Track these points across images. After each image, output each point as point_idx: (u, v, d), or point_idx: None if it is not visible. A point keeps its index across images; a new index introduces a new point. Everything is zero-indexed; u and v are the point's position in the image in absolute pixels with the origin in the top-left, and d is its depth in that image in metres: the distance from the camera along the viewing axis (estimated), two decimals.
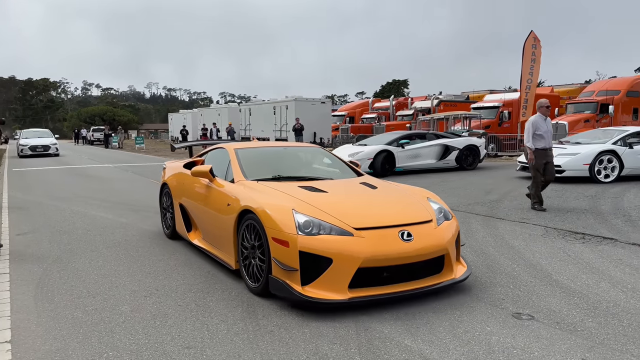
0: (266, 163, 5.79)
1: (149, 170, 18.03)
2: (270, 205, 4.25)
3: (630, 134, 12.07)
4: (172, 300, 4.30)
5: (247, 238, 4.46)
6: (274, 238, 4.03)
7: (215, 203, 5.12)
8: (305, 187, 4.80)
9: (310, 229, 3.96)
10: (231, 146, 5.92)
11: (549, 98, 27.29)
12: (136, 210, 8.98)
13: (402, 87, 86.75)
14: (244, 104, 45.78)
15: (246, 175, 5.18)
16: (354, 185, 5.20)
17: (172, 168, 7.02)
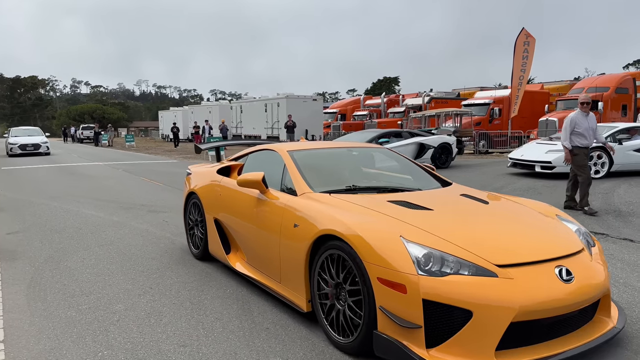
0: (330, 169, 4.69)
1: (140, 168, 17.92)
2: (368, 230, 3.12)
3: (619, 130, 12.18)
4: (167, 299, 4.28)
5: (328, 273, 3.35)
6: (382, 279, 2.90)
7: (272, 222, 3.98)
8: (397, 202, 3.67)
9: (431, 266, 2.86)
10: (282, 147, 4.72)
11: (539, 95, 27.61)
12: (128, 209, 8.92)
13: (393, 84, 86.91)
14: (235, 101, 45.61)
15: (311, 185, 4.02)
16: (458, 199, 4.03)
17: (201, 175, 5.73)
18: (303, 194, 3.94)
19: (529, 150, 12.75)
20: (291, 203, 3.88)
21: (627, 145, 11.78)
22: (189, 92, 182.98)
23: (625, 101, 24.22)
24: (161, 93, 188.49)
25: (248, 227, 4.41)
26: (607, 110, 23.23)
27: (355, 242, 3.08)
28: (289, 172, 4.25)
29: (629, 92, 24.29)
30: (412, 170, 4.93)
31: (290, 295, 3.76)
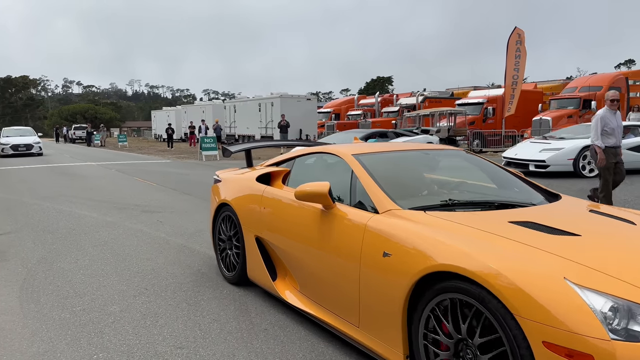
0: (409, 177, 3.83)
1: (133, 168, 17.80)
2: (516, 269, 2.21)
3: None
4: (162, 300, 4.21)
5: (443, 324, 2.48)
6: (551, 344, 2.00)
7: (347, 247, 3.06)
8: (523, 223, 2.77)
9: (618, 323, 1.98)
10: (344, 150, 3.80)
11: (533, 94, 27.71)
12: (121, 209, 8.83)
13: (387, 84, 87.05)
14: (228, 101, 45.46)
15: (395, 199, 3.13)
16: (595, 219, 3.10)
17: (235, 183, 4.79)
18: (387, 211, 3.03)
19: (523, 149, 12.77)
20: (375, 224, 2.95)
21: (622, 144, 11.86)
22: (181, 91, 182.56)
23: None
24: (154, 93, 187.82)
25: (306, 249, 3.51)
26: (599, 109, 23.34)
27: (497, 286, 2.16)
28: (362, 183, 3.36)
29: (621, 92, 24.39)
30: (501, 177, 3.95)
31: (377, 347, 2.84)
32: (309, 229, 3.48)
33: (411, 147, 4.28)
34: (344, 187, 3.50)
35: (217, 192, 4.99)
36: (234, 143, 9.10)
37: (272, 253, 4.06)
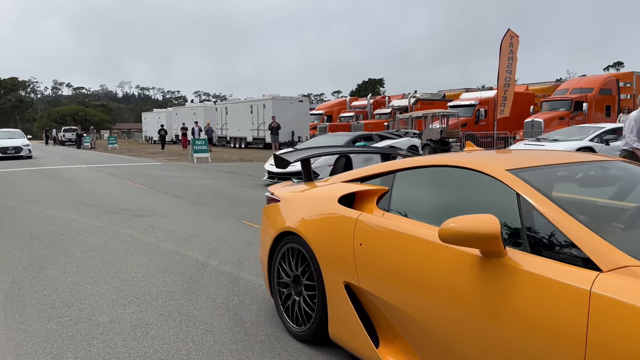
0: (605, 206, 2.79)
1: (123, 171, 17.57)
2: None
3: (605, 130, 12.24)
4: (153, 309, 4.06)
5: None
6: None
7: (550, 324, 1.97)
8: None
9: None
10: (494, 165, 2.67)
11: (525, 96, 27.79)
12: (111, 213, 8.64)
13: (378, 85, 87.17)
14: (220, 102, 45.23)
15: (625, 248, 2.00)
16: None
17: (304, 203, 3.60)
18: (619, 268, 1.91)
19: None
20: (609, 291, 1.83)
21: (614, 146, 11.83)
22: (172, 93, 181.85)
23: (608, 102, 24.48)
24: (144, 95, 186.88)
25: (447, 314, 2.39)
26: (591, 111, 23.44)
27: None
28: (551, 219, 2.19)
29: (612, 93, 24.57)
30: None
31: None
32: (456, 284, 2.34)
33: (575, 158, 2.98)
34: (500, 219, 2.29)
35: (275, 215, 3.75)
36: (290, 150, 6.35)
37: (373, 308, 2.90)
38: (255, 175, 15.44)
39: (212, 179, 14.59)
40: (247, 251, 5.83)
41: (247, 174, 16.03)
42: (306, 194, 3.67)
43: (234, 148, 34.04)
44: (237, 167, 18.99)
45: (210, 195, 10.91)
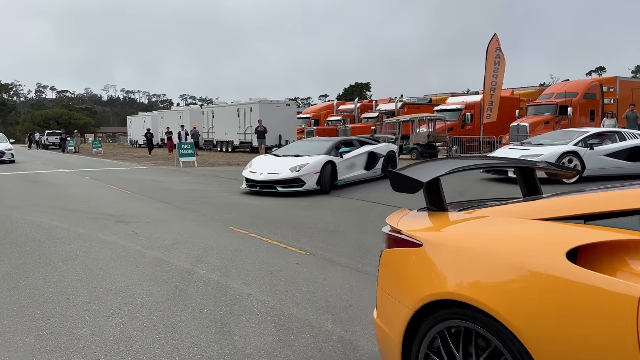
0: None
1: (108, 176, 17.30)
2: None
3: (590, 135, 12.26)
4: (138, 321, 3.92)
5: None
6: None
7: None
8: None
9: None
10: None
11: (510, 101, 27.95)
12: (95, 219, 8.45)
13: (365, 90, 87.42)
14: (206, 106, 44.94)
15: None
16: None
17: (474, 252, 2.06)
18: None
19: (502, 155, 12.74)
20: None
21: (599, 150, 11.87)
22: (158, 97, 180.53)
23: (593, 107, 24.69)
24: (130, 98, 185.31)
25: None
26: (576, 115, 23.63)
27: None
28: None
29: (596, 98, 24.79)
30: None
31: None
32: None
33: None
34: None
35: (415, 270, 2.31)
36: (423, 160, 4.36)
37: None
38: (243, 180, 15.27)
39: (199, 184, 14.41)
40: (235, 259, 5.70)
41: (234, 178, 15.84)
42: (476, 236, 2.19)
43: (220, 152, 33.79)
44: (224, 171, 18.81)
45: (197, 200, 10.75)
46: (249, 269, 5.28)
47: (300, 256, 5.82)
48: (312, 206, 9.56)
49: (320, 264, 5.47)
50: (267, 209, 9.26)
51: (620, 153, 11.94)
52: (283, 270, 5.23)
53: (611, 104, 25.05)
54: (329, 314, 3.97)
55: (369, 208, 9.32)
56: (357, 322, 3.80)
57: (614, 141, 12.27)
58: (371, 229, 7.28)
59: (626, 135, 12.35)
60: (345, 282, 4.81)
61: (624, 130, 13.49)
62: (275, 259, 5.70)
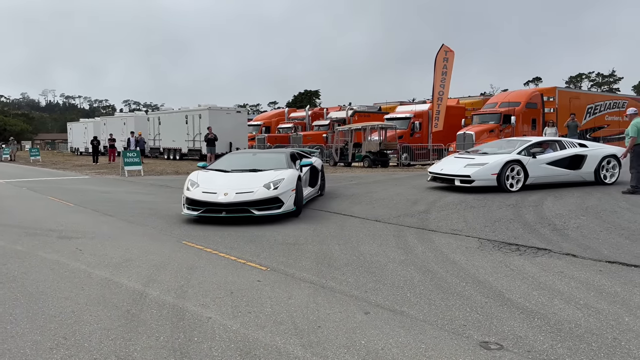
0: None
1: (47, 186, 16.32)
2: None
3: (532, 144, 12.49)
4: (86, 352, 3.55)
5: None
6: None
7: None
8: None
9: None
10: None
11: (456, 109, 28.68)
12: (33, 235, 7.84)
13: (314, 97, 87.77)
14: (152, 112, 43.62)
15: None
16: None
17: None
18: None
19: (448, 164, 12.87)
20: None
21: (540, 158, 12.08)
22: (100, 102, 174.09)
23: (534, 115, 25.69)
24: (69, 103, 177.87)
25: None
26: (519, 124, 24.50)
27: None
28: None
29: (537, 107, 25.82)
30: None
31: None
32: None
33: None
34: None
35: None
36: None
37: None
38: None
39: (146, 194, 13.81)
40: (191, 277, 5.37)
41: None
42: None
43: (168, 160, 32.81)
44: (172, 180, 18.18)
45: (145, 212, 10.24)
46: (206, 288, 4.97)
47: (260, 272, 5.56)
48: (267, 217, 9.29)
49: (283, 280, 5.24)
50: (222, 221, 8.91)
51: (561, 161, 12.30)
52: (244, 288, 4.96)
53: (551, 113, 26.14)
54: (297, 337, 3.74)
55: (326, 218, 9.16)
56: (327, 345, 3.60)
57: (554, 149, 12.59)
58: (331, 239, 7.11)
59: (566, 144, 12.73)
60: (310, 300, 4.59)
61: (564, 139, 13.93)
62: (235, 276, 5.41)
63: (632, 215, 8.25)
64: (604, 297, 4.56)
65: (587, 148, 12.62)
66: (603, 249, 6.40)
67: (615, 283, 5.00)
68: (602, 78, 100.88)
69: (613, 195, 10.40)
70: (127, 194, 13.99)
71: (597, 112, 28.58)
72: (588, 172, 12.25)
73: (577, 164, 12.30)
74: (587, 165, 12.24)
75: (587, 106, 27.94)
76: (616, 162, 12.40)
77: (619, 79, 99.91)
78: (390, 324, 3.94)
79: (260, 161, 10.51)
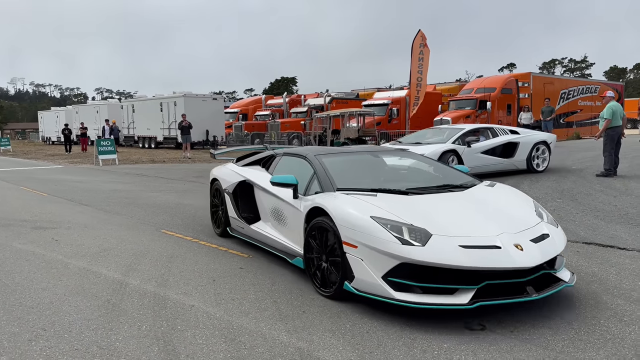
0: None
1: (19, 176, 15.91)
2: None
3: (466, 132, 11.97)
4: (66, 343, 3.47)
5: None
6: None
7: None
8: None
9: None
10: None
11: (433, 95, 28.82)
12: (6, 225, 7.64)
13: (291, 84, 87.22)
14: (126, 100, 42.78)
15: None
16: None
17: None
18: None
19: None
20: None
21: (475, 147, 11.46)
22: (71, 90, 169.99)
23: (509, 101, 26.00)
24: (40, 92, 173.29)
25: None
26: (494, 109, 24.77)
27: None
28: None
29: (512, 93, 26.12)
30: None
31: None
32: None
33: None
34: None
35: None
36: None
37: None
38: (170, 177, 14.60)
39: (122, 183, 13.58)
40: (172, 266, 5.29)
41: (160, 176, 15.11)
42: None
43: (142, 148, 32.29)
44: (148, 169, 17.91)
45: (122, 201, 10.07)
46: (188, 276, 4.91)
47: (242, 259, 5.52)
48: None
49: (265, 267, 5.21)
50: (201, 209, 8.81)
51: (495, 149, 11.81)
52: (226, 276, 4.91)
53: (525, 98, 26.49)
54: (282, 323, 3.72)
55: None
56: (312, 330, 3.59)
57: (487, 137, 12.05)
58: None
59: (498, 131, 12.22)
60: (294, 286, 4.58)
61: (496, 126, 13.43)
62: (216, 263, 5.36)
63: (606, 198, 8.44)
64: (582, 277, 4.65)
65: (518, 135, 12.26)
66: (580, 230, 6.53)
67: (592, 264, 5.11)
68: (574, 64, 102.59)
69: (587, 178, 10.61)
70: (102, 183, 13.73)
71: (570, 97, 29.06)
72: (521, 160, 11.93)
73: (510, 152, 11.89)
74: (519, 153, 11.90)
75: (560, 91, 28.38)
76: (546, 148, 12.19)
77: (591, 64, 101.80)
78: (372, 306, 3.95)
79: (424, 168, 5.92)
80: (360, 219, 3.93)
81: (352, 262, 3.90)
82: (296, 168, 5.39)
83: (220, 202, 6.63)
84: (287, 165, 5.71)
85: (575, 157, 14.73)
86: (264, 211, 5.66)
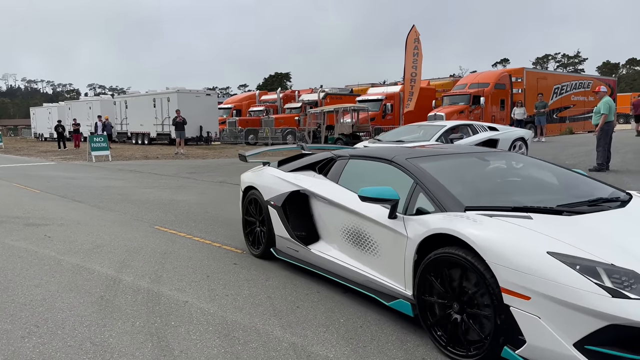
0: None
1: (11, 173, 15.81)
2: None
3: (448, 129, 11.91)
4: (60, 340, 3.46)
5: None
6: None
7: None
8: None
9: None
10: None
11: (427, 91, 28.83)
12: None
13: (285, 79, 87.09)
14: (118, 96, 42.55)
15: None
16: None
17: None
18: None
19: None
20: None
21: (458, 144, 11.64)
22: (64, 86, 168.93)
23: (503, 96, 26.08)
24: (32, 88, 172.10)
25: None
26: (488, 104, 24.84)
27: None
28: None
29: (506, 88, 26.20)
30: None
31: None
32: None
33: None
34: None
35: None
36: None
37: None
38: (163, 174, 14.55)
39: (115, 180, 13.52)
40: (165, 262, 5.28)
41: (154, 172, 15.06)
42: None
43: (136, 144, 32.15)
44: (141, 165, 17.84)
45: (115, 198, 10.03)
46: (181, 272, 4.91)
47: (236, 255, 5.52)
48: None
49: (259, 262, 5.20)
50: (195, 206, 8.80)
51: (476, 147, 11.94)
52: (220, 272, 4.91)
53: (519, 94, 26.57)
54: (276, 318, 3.73)
55: None
56: (306, 325, 3.60)
57: (466, 134, 11.92)
58: None
59: (477, 128, 12.21)
60: (288, 281, 4.58)
61: (475, 122, 13.44)
62: (210, 259, 5.35)
63: None
64: None
65: (498, 132, 12.22)
66: None
67: None
68: (567, 59, 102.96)
69: None
70: (95, 179, 13.66)
71: (563, 92, 29.18)
72: None
73: None
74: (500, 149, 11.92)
75: (554, 86, 28.49)
76: (523, 144, 12.19)
77: (584, 59, 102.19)
78: (366, 299, 3.96)
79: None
80: (534, 257, 2.74)
81: (520, 319, 2.72)
82: (374, 175, 4.19)
83: (257, 215, 5.38)
84: (358, 171, 4.45)
85: (568, 152, 14.82)
86: (327, 230, 4.47)
